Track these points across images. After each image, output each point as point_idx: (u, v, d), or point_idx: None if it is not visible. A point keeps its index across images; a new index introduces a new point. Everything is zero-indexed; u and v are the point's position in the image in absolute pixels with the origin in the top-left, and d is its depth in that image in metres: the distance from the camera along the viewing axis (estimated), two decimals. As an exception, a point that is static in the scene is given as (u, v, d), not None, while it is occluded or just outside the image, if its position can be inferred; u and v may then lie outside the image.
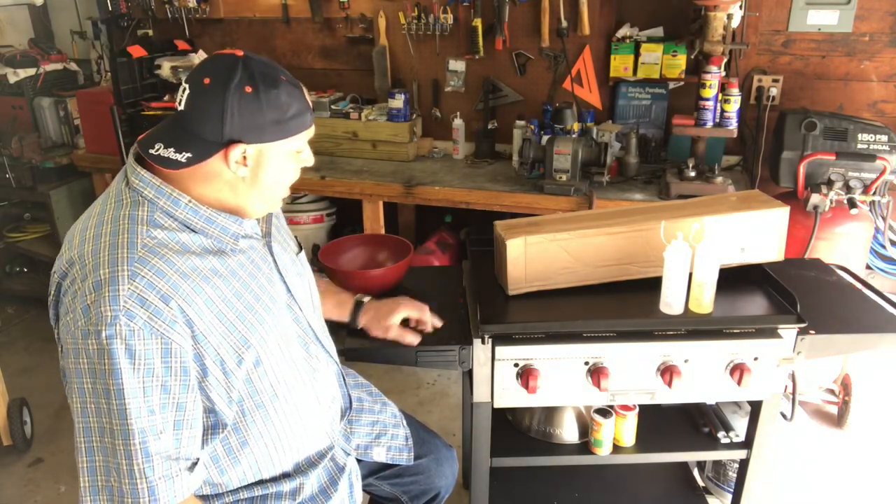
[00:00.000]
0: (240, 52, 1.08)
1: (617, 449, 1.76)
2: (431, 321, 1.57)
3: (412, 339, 1.53)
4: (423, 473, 1.59)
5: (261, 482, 1.26)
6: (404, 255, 1.78)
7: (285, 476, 1.29)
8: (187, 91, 1.07)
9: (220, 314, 1.09)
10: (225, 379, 1.11)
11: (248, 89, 1.05)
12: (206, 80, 1.05)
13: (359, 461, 1.48)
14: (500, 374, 1.54)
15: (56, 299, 1.10)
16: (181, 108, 1.07)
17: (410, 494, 1.59)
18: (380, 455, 1.52)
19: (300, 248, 1.41)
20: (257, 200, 1.16)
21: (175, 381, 1.04)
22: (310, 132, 1.16)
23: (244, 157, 1.09)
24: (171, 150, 1.06)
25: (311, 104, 1.15)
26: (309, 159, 1.20)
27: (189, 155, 1.06)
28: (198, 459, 1.11)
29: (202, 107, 1.05)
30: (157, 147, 1.07)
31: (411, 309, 1.56)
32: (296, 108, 1.10)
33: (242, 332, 1.12)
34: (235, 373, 1.12)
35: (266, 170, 1.12)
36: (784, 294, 1.58)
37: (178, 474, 1.06)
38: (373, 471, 1.56)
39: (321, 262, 1.75)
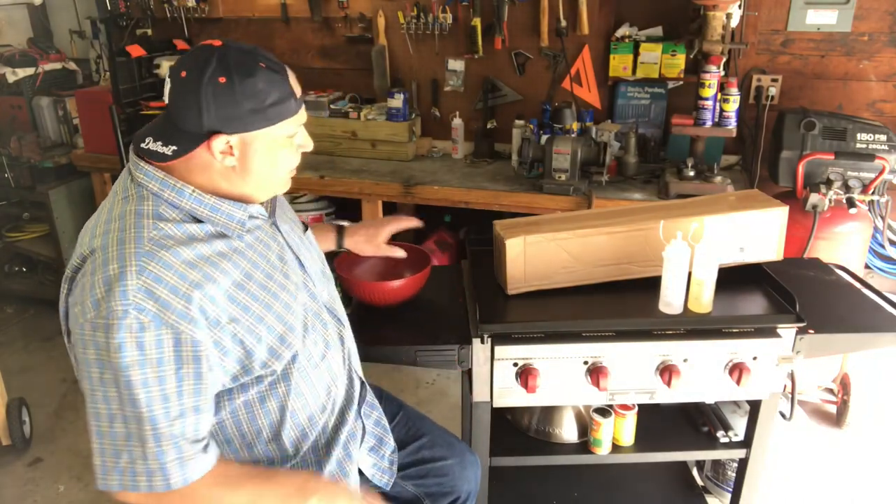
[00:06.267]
0: (218, 42, 1.08)
1: (616, 448, 1.76)
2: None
3: (401, 252, 1.68)
4: (447, 475, 1.56)
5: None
6: (423, 265, 1.70)
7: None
8: (169, 84, 1.09)
9: (231, 296, 1.10)
10: (247, 356, 1.12)
11: (223, 80, 1.04)
12: (183, 73, 1.06)
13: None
14: (499, 374, 1.54)
15: (68, 292, 1.11)
16: (166, 101, 1.10)
17: (433, 497, 1.56)
18: (363, 463, 1.43)
19: (306, 227, 1.42)
20: (255, 187, 1.16)
21: (188, 369, 1.04)
22: (298, 118, 1.15)
23: (229, 147, 1.09)
24: (159, 143, 1.08)
25: (295, 89, 1.13)
26: (307, 143, 1.20)
27: (175, 148, 1.08)
28: (209, 441, 1.11)
29: (181, 100, 1.07)
30: (147, 141, 1.10)
31: (398, 223, 1.69)
32: (276, 96, 1.09)
33: (257, 312, 1.13)
34: (256, 349, 1.13)
35: (254, 158, 1.12)
36: (783, 293, 1.58)
37: (192, 457, 1.06)
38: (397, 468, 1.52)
39: (337, 273, 1.64)
